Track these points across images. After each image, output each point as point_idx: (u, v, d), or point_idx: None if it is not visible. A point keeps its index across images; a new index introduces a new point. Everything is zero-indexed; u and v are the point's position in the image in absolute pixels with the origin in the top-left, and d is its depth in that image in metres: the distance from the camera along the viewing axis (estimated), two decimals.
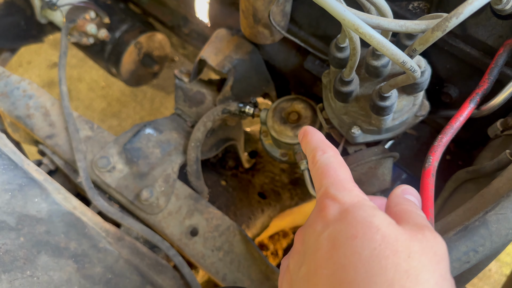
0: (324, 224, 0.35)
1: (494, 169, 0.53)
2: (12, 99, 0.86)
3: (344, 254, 0.32)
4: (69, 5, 1.05)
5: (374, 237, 0.31)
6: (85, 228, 0.64)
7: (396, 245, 0.31)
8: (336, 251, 0.32)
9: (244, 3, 0.67)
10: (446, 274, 0.32)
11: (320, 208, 0.37)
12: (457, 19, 0.39)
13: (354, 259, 0.31)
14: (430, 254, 0.32)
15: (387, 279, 0.29)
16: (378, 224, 0.32)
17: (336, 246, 0.33)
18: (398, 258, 0.30)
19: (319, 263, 0.33)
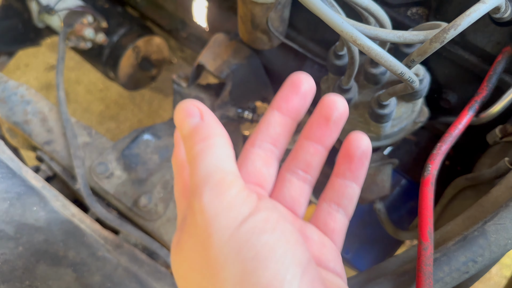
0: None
1: (493, 176, 0.53)
2: (9, 104, 0.86)
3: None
4: (66, 10, 1.04)
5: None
6: (83, 236, 0.64)
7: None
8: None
9: (242, 9, 0.67)
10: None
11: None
12: (455, 31, 0.38)
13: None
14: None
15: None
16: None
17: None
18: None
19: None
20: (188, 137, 0.31)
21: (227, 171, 0.29)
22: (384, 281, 0.44)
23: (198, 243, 0.29)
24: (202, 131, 0.31)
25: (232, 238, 0.27)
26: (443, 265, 0.43)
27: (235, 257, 0.26)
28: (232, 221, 0.27)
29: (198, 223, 0.28)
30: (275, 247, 0.26)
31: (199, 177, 0.29)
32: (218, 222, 0.27)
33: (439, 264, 0.42)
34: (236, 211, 0.27)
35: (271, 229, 0.27)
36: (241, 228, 0.27)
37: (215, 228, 0.27)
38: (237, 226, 0.27)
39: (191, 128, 0.31)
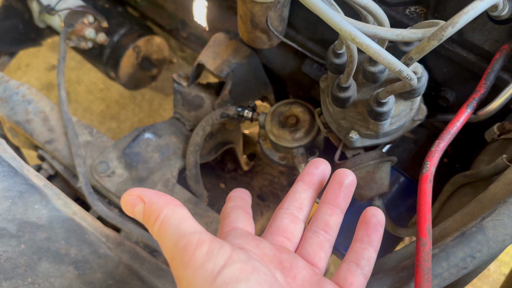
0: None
1: (491, 173, 0.54)
2: (11, 104, 0.87)
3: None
4: (67, 10, 1.05)
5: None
6: (85, 234, 0.65)
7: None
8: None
9: (242, 8, 0.68)
10: None
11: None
12: (453, 29, 0.39)
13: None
14: None
15: None
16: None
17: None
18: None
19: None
20: (145, 223, 0.35)
21: (190, 233, 0.32)
22: (383, 277, 0.45)
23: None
24: (151, 212, 0.34)
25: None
26: (441, 260, 0.43)
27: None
28: (209, 274, 0.30)
29: (180, 286, 0.32)
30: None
31: (167, 252, 0.32)
32: (197, 279, 0.30)
33: (438, 259, 0.43)
34: (211, 264, 0.30)
35: (246, 278, 0.30)
36: (217, 280, 0.30)
37: (195, 285, 0.30)
38: (214, 278, 0.30)
39: (141, 215, 0.35)
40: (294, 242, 0.43)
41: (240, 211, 0.44)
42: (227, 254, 0.31)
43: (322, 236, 0.43)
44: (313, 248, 0.43)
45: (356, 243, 0.43)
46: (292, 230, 0.43)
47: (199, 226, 0.33)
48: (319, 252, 0.42)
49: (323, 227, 0.44)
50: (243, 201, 0.46)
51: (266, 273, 0.32)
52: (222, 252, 0.31)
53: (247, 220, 0.43)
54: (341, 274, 0.42)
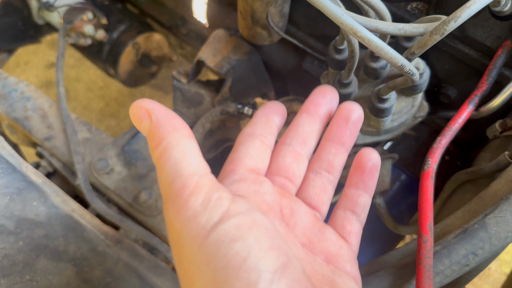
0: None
1: (493, 170, 0.53)
2: (9, 101, 0.86)
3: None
4: (66, 6, 1.04)
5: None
6: (84, 231, 0.64)
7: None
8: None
9: (242, 4, 0.67)
10: None
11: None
12: (456, 23, 0.38)
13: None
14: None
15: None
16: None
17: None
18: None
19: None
20: (148, 143, 0.30)
21: (188, 175, 0.27)
22: (384, 274, 0.44)
23: (175, 255, 0.28)
24: (155, 134, 0.29)
25: (201, 248, 0.26)
26: (443, 258, 0.43)
27: (205, 268, 0.25)
28: (201, 230, 0.26)
29: (170, 236, 0.28)
30: (247, 256, 0.25)
31: (162, 189, 0.28)
32: (187, 233, 0.26)
33: (439, 257, 0.43)
34: (204, 219, 0.26)
35: (243, 236, 0.26)
36: (210, 237, 0.25)
37: (184, 240, 0.26)
38: (206, 235, 0.26)
39: (146, 133, 0.30)
40: (297, 183, 0.39)
41: (255, 142, 0.38)
42: (225, 206, 0.27)
43: (325, 177, 0.40)
44: (315, 191, 0.39)
45: (350, 189, 0.39)
46: (295, 170, 0.39)
47: (202, 166, 0.29)
48: (321, 195, 0.39)
49: (327, 168, 0.40)
50: (266, 125, 0.39)
51: (266, 227, 0.27)
52: (219, 204, 0.27)
53: (259, 156, 0.37)
54: (337, 222, 0.38)
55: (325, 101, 0.41)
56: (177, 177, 0.27)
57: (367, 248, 0.76)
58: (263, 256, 0.25)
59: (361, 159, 0.39)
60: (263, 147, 0.38)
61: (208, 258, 0.25)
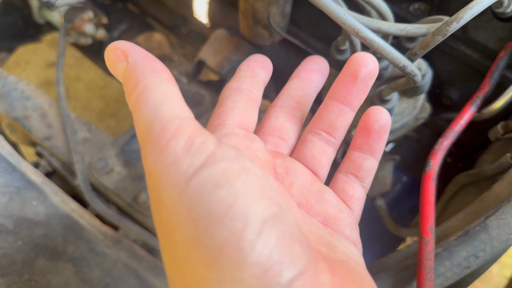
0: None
1: (494, 172, 0.53)
2: (9, 100, 0.86)
3: None
4: (67, 5, 1.04)
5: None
6: (83, 231, 0.64)
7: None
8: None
9: (244, 4, 0.67)
10: None
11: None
12: (458, 24, 0.38)
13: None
14: None
15: None
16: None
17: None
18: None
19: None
20: (124, 89, 0.27)
21: (169, 117, 0.25)
22: (385, 276, 0.44)
23: (153, 205, 0.26)
24: (130, 77, 0.27)
25: (182, 195, 0.23)
26: (444, 260, 0.42)
27: (186, 217, 0.23)
28: (182, 176, 0.23)
29: (149, 186, 0.26)
30: (233, 203, 0.22)
31: (139, 135, 0.26)
32: (166, 180, 0.23)
33: (441, 259, 0.42)
34: (185, 163, 0.23)
35: (229, 182, 0.23)
36: (191, 183, 0.23)
37: (163, 187, 0.24)
38: (187, 180, 0.23)
39: (122, 77, 0.28)
40: (290, 144, 0.36)
41: (242, 96, 0.35)
42: (209, 150, 0.24)
43: (324, 139, 0.36)
44: (312, 152, 0.35)
45: (355, 151, 0.35)
46: (288, 130, 0.36)
47: (184, 110, 0.26)
48: (319, 157, 0.35)
49: (327, 129, 0.36)
50: (252, 79, 0.37)
51: (257, 174, 0.24)
52: (203, 148, 0.24)
53: (247, 111, 0.35)
54: (338, 186, 0.36)
55: (317, 67, 0.39)
56: (156, 121, 0.25)
57: (367, 250, 0.75)
58: (252, 203, 0.22)
59: (368, 118, 0.34)
60: (251, 102, 0.35)
61: (189, 206, 0.23)
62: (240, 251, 0.21)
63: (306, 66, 0.39)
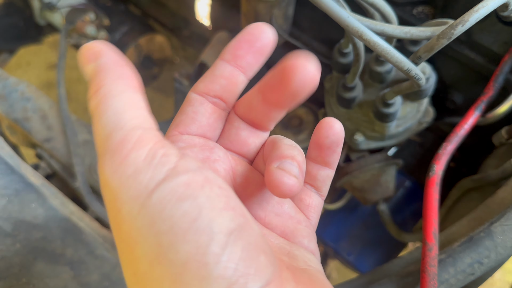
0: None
1: (498, 177, 0.53)
2: (10, 101, 0.85)
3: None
4: (68, 7, 1.04)
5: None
6: (82, 234, 0.63)
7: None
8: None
9: (246, 6, 0.67)
10: None
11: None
12: (463, 27, 0.38)
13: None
14: None
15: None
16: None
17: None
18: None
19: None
20: (89, 89, 0.26)
21: (130, 127, 0.23)
22: (387, 283, 0.43)
23: (112, 219, 0.25)
24: (95, 79, 0.25)
25: (143, 209, 0.22)
26: (448, 266, 0.42)
27: (148, 231, 0.22)
28: (143, 189, 0.22)
29: (106, 198, 0.24)
30: (198, 216, 0.22)
31: (98, 141, 0.24)
32: (126, 193, 0.22)
33: (444, 265, 0.42)
34: (146, 176, 0.22)
35: (192, 195, 0.22)
36: (153, 197, 0.22)
37: (122, 201, 0.23)
38: (148, 194, 0.22)
39: (88, 78, 0.26)
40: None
41: (206, 107, 0.31)
42: (172, 163, 0.23)
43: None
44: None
45: (309, 162, 0.34)
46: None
47: (147, 120, 0.25)
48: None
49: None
50: (228, 82, 0.30)
51: (221, 186, 0.24)
52: (165, 161, 0.23)
53: (210, 124, 0.31)
54: (295, 195, 0.34)
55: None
56: (116, 130, 0.23)
57: (369, 255, 0.75)
58: (216, 216, 0.22)
59: (319, 134, 0.32)
60: (217, 113, 0.32)
61: (151, 220, 0.22)
62: (205, 265, 0.21)
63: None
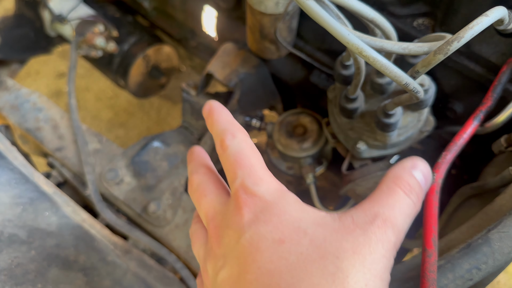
0: (245, 225, 0.32)
1: (498, 185, 0.54)
2: (22, 111, 0.88)
3: (270, 259, 0.30)
4: (78, 19, 1.07)
5: (301, 241, 0.30)
6: (94, 241, 0.65)
7: (323, 247, 0.29)
8: (261, 255, 0.30)
9: (251, 19, 0.69)
10: (382, 274, 0.30)
11: (238, 205, 0.34)
12: (458, 43, 0.39)
13: (280, 264, 0.29)
14: (364, 252, 0.30)
15: (313, 284, 0.28)
16: (305, 227, 0.31)
17: (260, 249, 0.31)
18: (325, 260, 0.29)
19: (243, 267, 0.31)
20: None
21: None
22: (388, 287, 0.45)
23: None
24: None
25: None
26: (447, 272, 0.43)
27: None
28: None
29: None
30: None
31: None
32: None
33: (443, 271, 0.43)
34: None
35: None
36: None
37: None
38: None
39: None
40: None
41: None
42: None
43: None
44: None
45: None
46: None
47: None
48: None
49: None
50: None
51: None
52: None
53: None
54: None
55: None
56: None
57: None
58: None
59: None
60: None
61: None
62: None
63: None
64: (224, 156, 0.37)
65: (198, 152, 0.43)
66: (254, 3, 0.63)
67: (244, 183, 0.34)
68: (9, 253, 0.59)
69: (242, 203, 0.33)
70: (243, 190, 0.34)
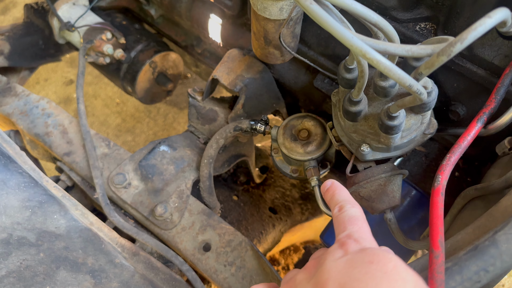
0: (345, 253, 0.39)
1: (502, 186, 0.54)
2: (31, 117, 0.89)
3: (360, 271, 0.36)
4: (86, 26, 1.08)
5: (387, 264, 0.36)
6: (101, 243, 0.66)
7: (405, 276, 0.35)
8: (352, 269, 0.37)
9: (256, 25, 0.70)
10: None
11: (342, 244, 0.41)
12: (462, 45, 0.40)
13: (367, 276, 0.35)
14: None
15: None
16: (391, 257, 0.37)
17: (353, 265, 0.37)
18: (405, 285, 0.35)
19: (331, 275, 0.37)
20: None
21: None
22: None
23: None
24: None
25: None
26: (455, 274, 0.43)
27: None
28: None
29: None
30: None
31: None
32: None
33: (451, 273, 0.43)
34: None
35: None
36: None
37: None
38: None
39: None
40: None
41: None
42: None
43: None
44: None
45: None
46: None
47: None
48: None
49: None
50: None
51: None
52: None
53: None
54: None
55: None
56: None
57: None
58: None
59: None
60: None
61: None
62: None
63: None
64: (339, 216, 0.44)
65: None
66: (258, 9, 0.64)
67: (351, 234, 0.41)
68: (18, 256, 0.60)
69: (346, 243, 0.40)
70: (350, 237, 0.41)
